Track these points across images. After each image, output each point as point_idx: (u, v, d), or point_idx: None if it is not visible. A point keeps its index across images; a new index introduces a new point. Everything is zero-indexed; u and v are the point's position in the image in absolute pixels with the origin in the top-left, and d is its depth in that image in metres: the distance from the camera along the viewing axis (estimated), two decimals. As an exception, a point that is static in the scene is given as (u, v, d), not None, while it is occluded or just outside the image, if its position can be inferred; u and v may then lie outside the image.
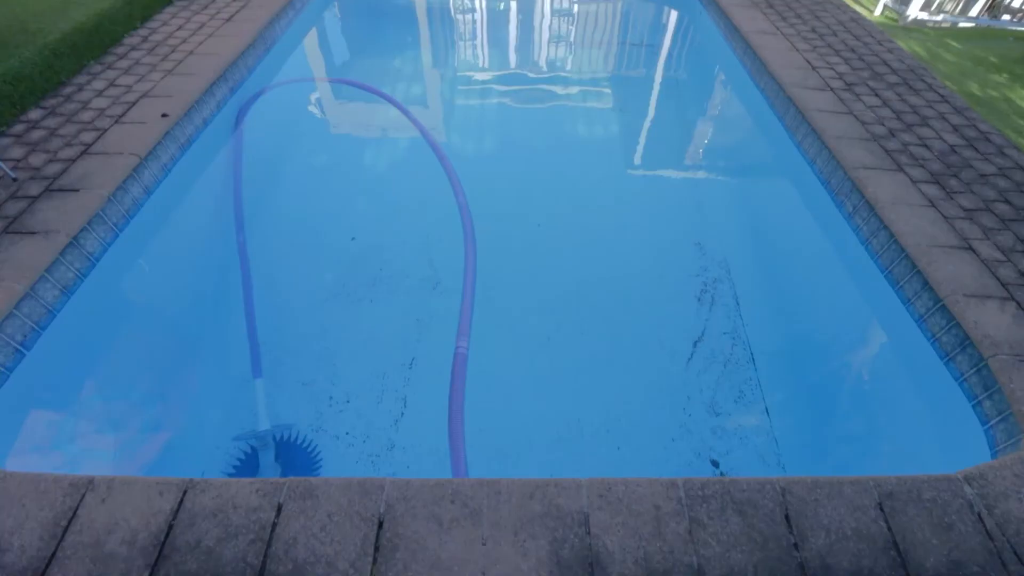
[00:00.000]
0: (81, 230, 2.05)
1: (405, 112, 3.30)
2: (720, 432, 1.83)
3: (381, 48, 4.21)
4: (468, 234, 2.40)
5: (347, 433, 1.79)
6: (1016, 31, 4.46)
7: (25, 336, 1.82)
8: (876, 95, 3.12)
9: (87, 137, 2.51)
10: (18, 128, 2.57)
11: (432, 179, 2.78)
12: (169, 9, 3.71)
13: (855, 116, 2.91)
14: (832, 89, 3.13)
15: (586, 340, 2.12)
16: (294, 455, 1.75)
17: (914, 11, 4.32)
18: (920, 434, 1.93)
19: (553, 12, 4.93)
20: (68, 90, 2.87)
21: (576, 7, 5.10)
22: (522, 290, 2.30)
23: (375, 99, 3.49)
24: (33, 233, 1.99)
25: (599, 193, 2.88)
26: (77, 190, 2.20)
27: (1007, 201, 2.38)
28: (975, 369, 1.77)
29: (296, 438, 1.79)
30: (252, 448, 1.77)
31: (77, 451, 1.76)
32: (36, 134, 2.54)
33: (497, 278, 2.29)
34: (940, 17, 4.44)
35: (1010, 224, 2.25)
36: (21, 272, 1.83)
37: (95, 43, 3.14)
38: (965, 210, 2.31)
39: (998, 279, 1.99)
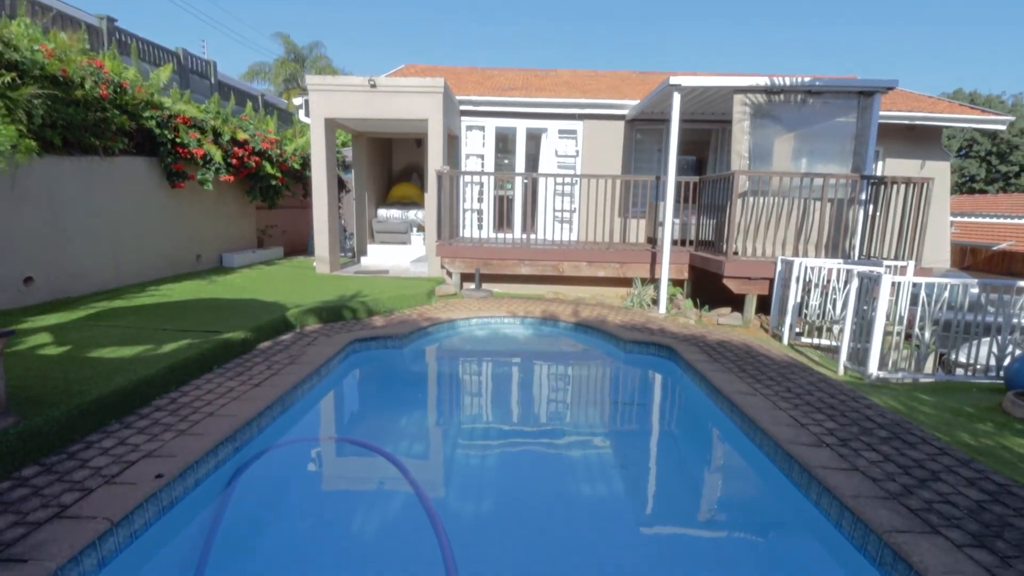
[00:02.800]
0: (-3, 618, 1.73)
1: (404, 472, 3.27)
2: None
3: (390, 407, 4.53)
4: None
5: None
6: (977, 383, 4.84)
7: None
8: (873, 450, 3.14)
9: (68, 498, 2.41)
10: (3, 486, 2.50)
11: (424, 546, 2.52)
12: (207, 375, 4.15)
13: (862, 473, 2.85)
14: (828, 445, 3.18)
15: None
16: None
17: (873, 370, 4.78)
18: None
19: (549, 374, 5.53)
20: (76, 447, 2.92)
21: (570, 370, 5.74)
22: None
23: (375, 458, 3.52)
24: (-62, 623, 1.67)
25: (609, 558, 2.56)
26: (25, 561, 1.97)
27: (1079, 572, 2.08)
28: None
29: None
30: None
31: None
32: (17, 493, 2.44)
33: None
34: (900, 375, 4.89)
35: (1102, 605, 1.90)
36: None
37: (124, 405, 3.39)
38: (1038, 585, 1.99)
39: None
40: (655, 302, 7.63)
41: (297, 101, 10.40)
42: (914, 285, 4.96)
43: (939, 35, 68.79)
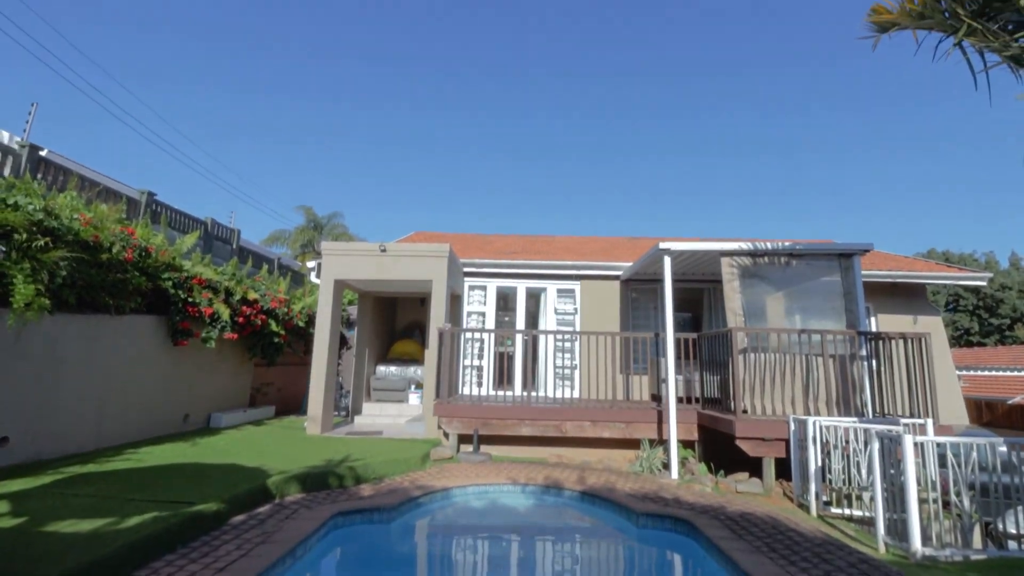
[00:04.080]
0: None
1: None
2: None
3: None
4: None
5: None
6: (1035, 560, 4.27)
7: None
8: (945, 658, 2.62)
9: None
10: None
11: None
12: (168, 556, 3.67)
13: None
14: (888, 651, 2.66)
15: None
16: None
17: (918, 547, 4.27)
18: None
19: (554, 556, 4.92)
20: (-9, 657, 2.45)
21: (578, 551, 5.12)
22: None
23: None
24: None
25: None
26: None
27: None
28: None
29: None
30: None
31: None
32: None
33: None
34: (948, 551, 4.35)
35: None
36: None
37: (65, 597, 2.94)
38: None
39: None
40: (666, 466, 7.13)
41: (310, 264, 11.03)
42: (939, 445, 4.67)
43: (908, 200, 76.05)
